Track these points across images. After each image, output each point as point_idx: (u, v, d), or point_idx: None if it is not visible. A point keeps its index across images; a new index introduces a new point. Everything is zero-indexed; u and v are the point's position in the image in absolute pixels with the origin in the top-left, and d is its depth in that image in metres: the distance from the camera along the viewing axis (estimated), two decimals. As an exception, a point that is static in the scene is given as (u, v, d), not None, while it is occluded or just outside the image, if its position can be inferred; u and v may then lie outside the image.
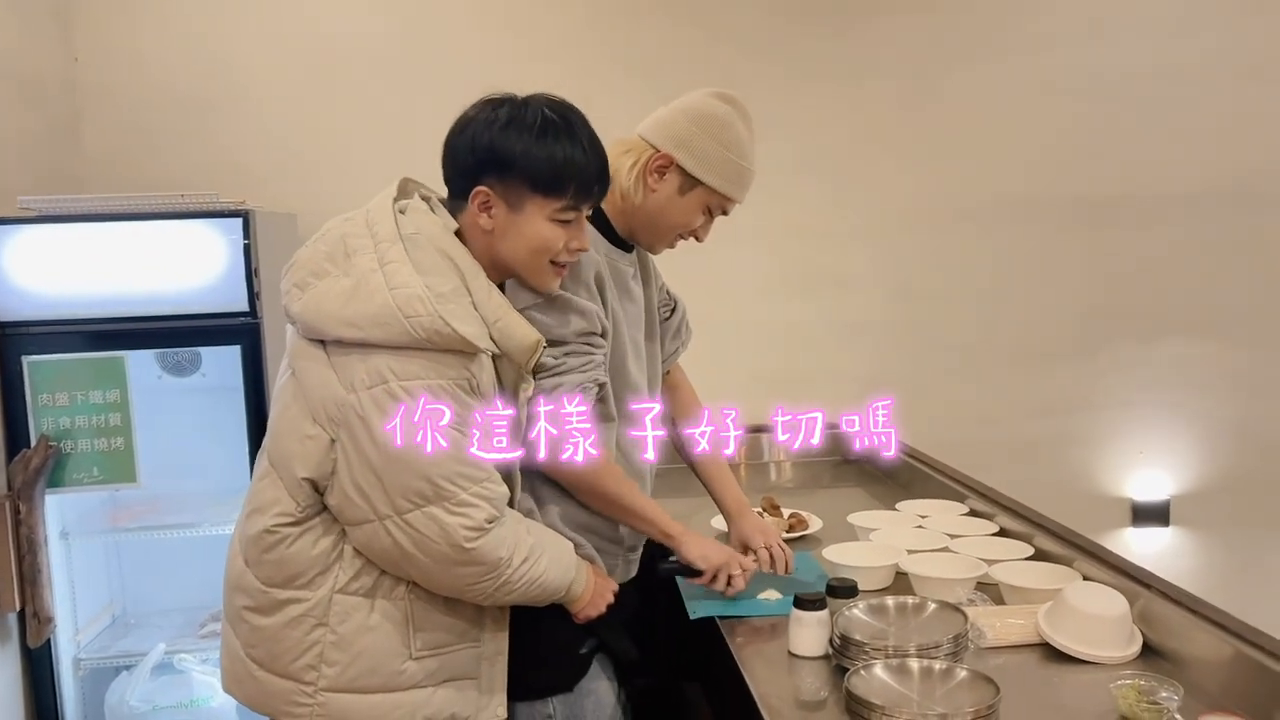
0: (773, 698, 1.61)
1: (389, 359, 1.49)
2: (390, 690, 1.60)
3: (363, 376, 1.50)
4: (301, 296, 1.55)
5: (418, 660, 1.61)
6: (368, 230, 1.55)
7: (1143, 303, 3.45)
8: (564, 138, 1.58)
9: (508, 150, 1.56)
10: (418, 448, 1.48)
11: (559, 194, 1.58)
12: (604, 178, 1.65)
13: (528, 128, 1.57)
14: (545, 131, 1.58)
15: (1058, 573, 1.96)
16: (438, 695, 1.63)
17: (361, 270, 1.51)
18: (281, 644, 1.60)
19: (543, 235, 1.60)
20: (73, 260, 2.50)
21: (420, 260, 1.52)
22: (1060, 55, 3.36)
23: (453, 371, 1.52)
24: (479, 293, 1.57)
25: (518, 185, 1.57)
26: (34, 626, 2.47)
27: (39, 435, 2.50)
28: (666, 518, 1.87)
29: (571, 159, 1.58)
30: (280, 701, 1.62)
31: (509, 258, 1.62)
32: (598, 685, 1.83)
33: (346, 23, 3.14)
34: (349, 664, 1.59)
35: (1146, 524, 3.49)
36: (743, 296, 3.31)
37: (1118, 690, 1.49)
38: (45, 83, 2.89)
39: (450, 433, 1.51)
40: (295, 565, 1.59)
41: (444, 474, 1.51)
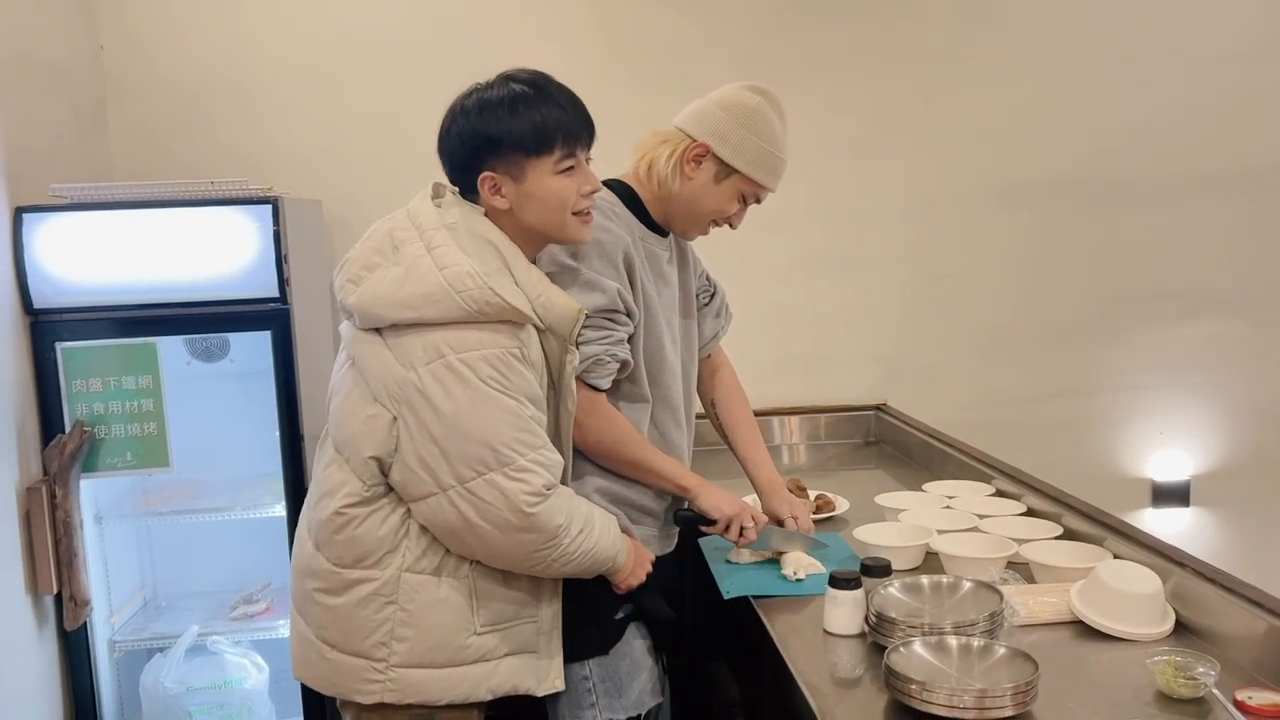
0: (810, 675, 1.63)
1: (444, 334, 1.56)
2: (457, 664, 1.66)
3: (420, 353, 1.56)
4: (356, 290, 1.62)
5: (481, 635, 1.67)
6: (411, 223, 1.64)
7: (1164, 284, 3.45)
8: (536, 100, 1.64)
9: (492, 130, 1.63)
10: (477, 416, 1.55)
11: (550, 149, 1.64)
12: (588, 122, 1.70)
13: (501, 104, 1.64)
14: (516, 102, 1.64)
15: (1088, 551, 1.97)
16: (501, 667, 1.70)
17: (411, 257, 1.59)
18: (353, 622, 1.64)
19: (554, 191, 1.65)
20: (104, 247, 2.52)
21: (464, 245, 1.60)
22: (1087, 36, 3.35)
23: (506, 340, 1.58)
24: (520, 272, 1.64)
25: (513, 157, 1.63)
26: (71, 609, 2.50)
27: (74, 421, 2.53)
28: (682, 471, 1.96)
29: (549, 115, 1.64)
30: (352, 680, 1.66)
31: (535, 223, 1.68)
32: (633, 649, 1.90)
33: (371, 9, 3.14)
34: (418, 640, 1.64)
35: (1167, 504, 3.50)
36: (767, 279, 3.33)
37: (1155, 666, 1.50)
38: (71, 71, 2.90)
39: (507, 400, 1.56)
40: (364, 545, 1.64)
41: (503, 440, 1.56)
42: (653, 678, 1.93)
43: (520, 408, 1.58)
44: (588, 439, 1.83)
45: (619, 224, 1.87)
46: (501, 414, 1.57)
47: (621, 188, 1.95)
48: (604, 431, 1.84)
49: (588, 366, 1.79)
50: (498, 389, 1.56)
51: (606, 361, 1.81)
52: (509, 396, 1.57)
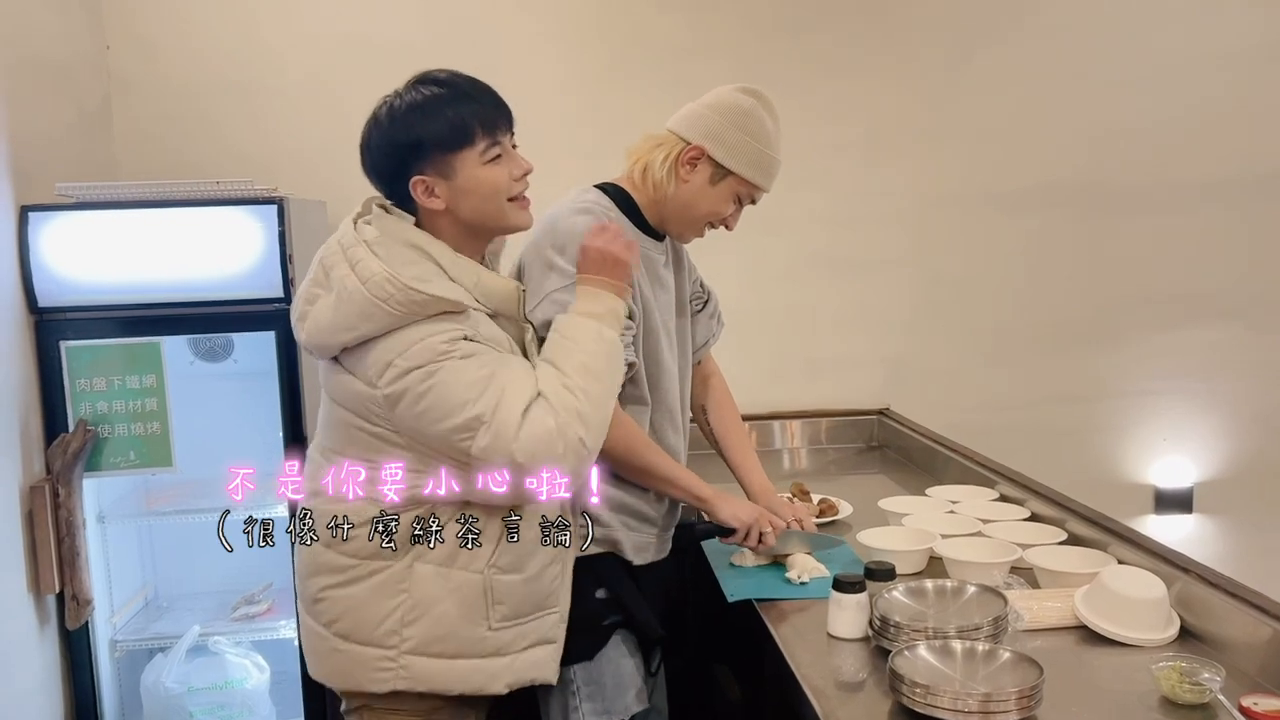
0: (814, 678, 1.63)
1: (386, 343, 1.57)
2: (469, 656, 1.67)
3: (374, 369, 1.58)
4: (304, 326, 1.66)
5: (496, 631, 1.68)
6: (341, 249, 1.63)
7: (1168, 289, 3.45)
8: (448, 98, 1.65)
9: (412, 135, 1.63)
10: (440, 391, 1.55)
11: (472, 140, 1.64)
12: (503, 108, 1.69)
13: (415, 108, 1.64)
14: (429, 103, 1.64)
15: (1092, 557, 1.97)
16: (520, 660, 1.71)
17: (339, 279, 1.60)
18: (366, 611, 1.66)
19: (486, 180, 1.66)
20: (109, 246, 2.52)
21: (389, 256, 1.59)
22: (1091, 41, 3.36)
23: (447, 326, 1.58)
24: (452, 267, 1.65)
25: (439, 156, 1.64)
26: (73, 608, 2.50)
27: (77, 420, 2.53)
28: (699, 482, 1.96)
29: (462, 109, 1.64)
30: (365, 670, 1.67)
31: (472, 217, 1.68)
32: (618, 655, 1.89)
33: (376, 10, 3.15)
34: (429, 628, 1.65)
35: (1169, 511, 3.50)
36: (770, 283, 3.33)
37: (1160, 672, 1.50)
38: (77, 70, 2.91)
39: (459, 365, 1.56)
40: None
41: (469, 399, 1.56)
42: (637, 685, 1.92)
43: (475, 367, 1.57)
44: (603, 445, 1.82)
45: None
46: (461, 379, 1.56)
47: (616, 191, 1.95)
48: (618, 437, 1.82)
49: None
50: (447, 360, 1.56)
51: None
52: (461, 361, 1.57)
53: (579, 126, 3.15)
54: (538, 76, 3.21)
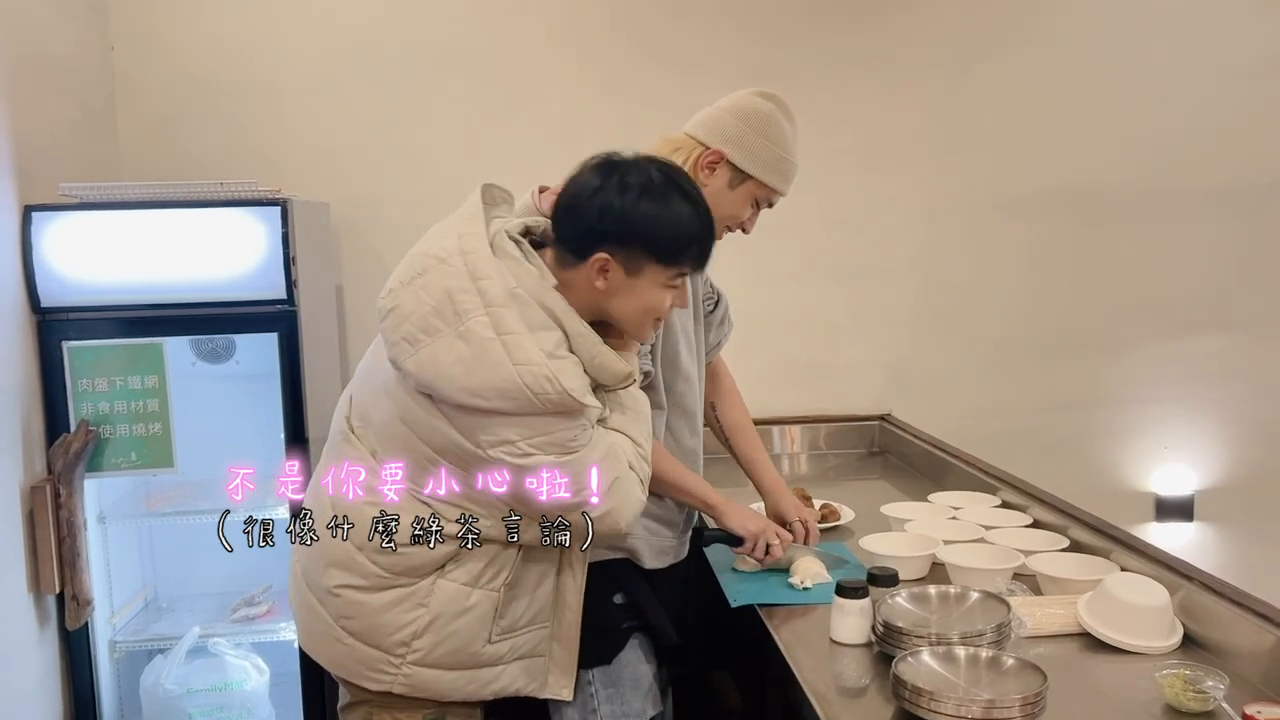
0: (817, 684, 1.62)
1: (515, 425, 1.54)
2: (467, 667, 1.69)
3: (488, 438, 1.54)
4: (414, 353, 1.54)
5: (494, 644, 1.70)
6: (473, 284, 1.53)
7: (1170, 297, 3.45)
8: (686, 206, 1.60)
9: (637, 222, 1.57)
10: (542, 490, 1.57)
11: (678, 263, 1.62)
12: (713, 241, 1.67)
13: (655, 198, 1.58)
14: (669, 202, 1.59)
15: (1095, 564, 1.97)
16: (508, 671, 1.73)
17: (478, 337, 1.51)
18: (381, 618, 1.65)
19: (655, 300, 1.63)
20: (112, 247, 2.52)
21: (529, 317, 1.53)
22: (1094, 48, 3.36)
23: (573, 423, 1.56)
24: (576, 338, 1.59)
25: (639, 255, 1.59)
26: (73, 609, 2.50)
27: (79, 420, 2.53)
28: (709, 489, 1.97)
29: (694, 229, 1.61)
30: (365, 667, 1.68)
31: (616, 315, 1.64)
32: (635, 659, 1.90)
33: (382, 12, 3.15)
34: (438, 643, 1.66)
35: (1170, 518, 3.50)
36: (774, 287, 3.33)
37: (1163, 679, 1.50)
38: (82, 70, 2.91)
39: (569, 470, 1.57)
40: (418, 560, 1.64)
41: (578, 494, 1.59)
42: (654, 688, 1.93)
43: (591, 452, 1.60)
44: None
45: None
46: (585, 470, 1.58)
47: None
48: None
49: None
50: (575, 454, 1.58)
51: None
52: (590, 451, 1.59)
53: (585, 131, 3.15)
54: (545, 81, 3.21)
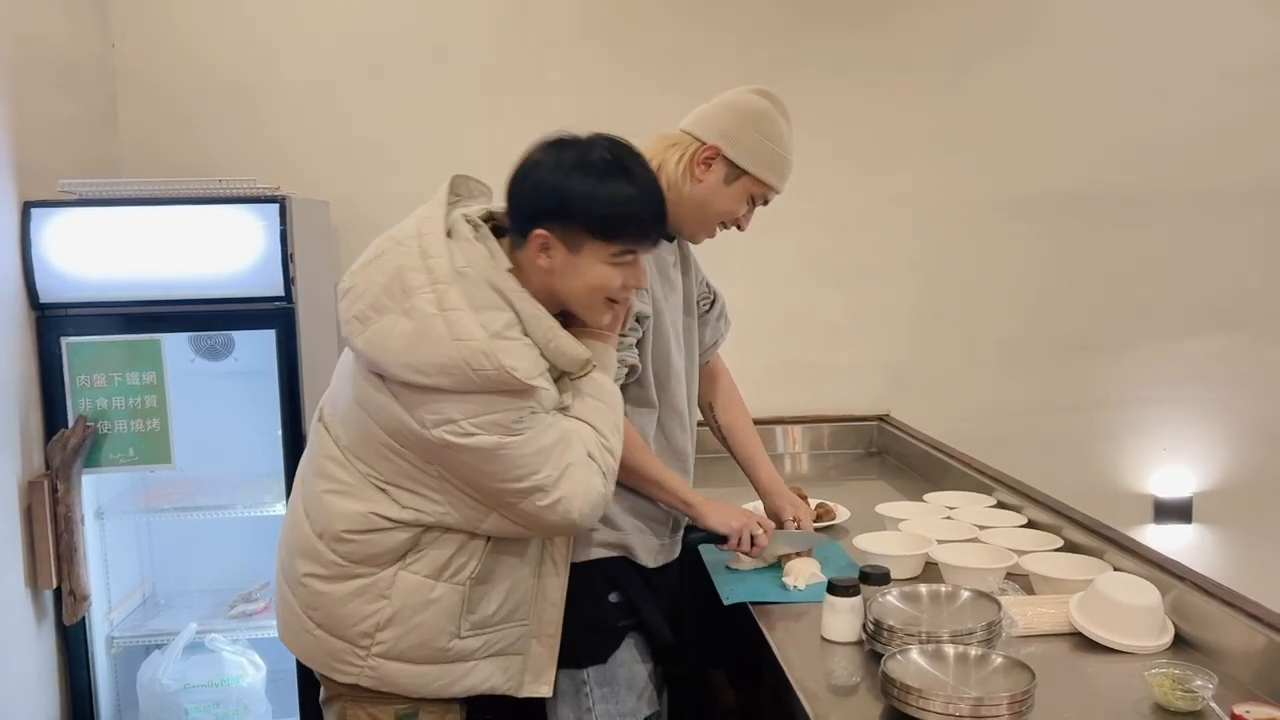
0: (807, 681, 1.63)
1: (456, 402, 1.52)
2: (435, 662, 1.68)
3: (431, 417, 1.54)
4: (363, 331, 1.56)
5: (464, 639, 1.69)
6: (423, 263, 1.54)
7: (1170, 299, 3.45)
8: (623, 182, 1.60)
9: (569, 197, 1.58)
10: (494, 467, 1.56)
11: (616, 238, 1.60)
12: (661, 220, 1.67)
13: (590, 172, 1.58)
14: (605, 176, 1.59)
15: (1088, 564, 1.97)
16: (479, 668, 1.71)
17: (422, 313, 1.52)
18: (344, 609, 1.66)
19: (600, 277, 1.62)
20: (111, 243, 2.53)
21: (474, 296, 1.54)
22: (1098, 50, 3.36)
23: (518, 402, 1.54)
24: (529, 320, 1.58)
25: (577, 230, 1.59)
26: (70, 604, 2.51)
27: (77, 415, 2.54)
28: (686, 487, 1.95)
29: (631, 204, 1.60)
30: (333, 659, 1.69)
31: (565, 295, 1.64)
32: (631, 658, 1.90)
33: (383, 11, 3.16)
34: (402, 635, 1.66)
35: (1169, 520, 3.49)
36: (774, 287, 3.34)
37: (1152, 678, 1.50)
38: (83, 68, 2.92)
39: (516, 443, 1.55)
40: (376, 550, 1.65)
41: (531, 466, 1.57)
42: (650, 686, 1.93)
43: (542, 436, 1.58)
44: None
45: None
46: (529, 456, 1.56)
47: None
48: None
49: None
50: (519, 437, 1.55)
51: (619, 368, 1.82)
52: (529, 431, 1.56)
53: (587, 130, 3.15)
54: (546, 80, 3.22)
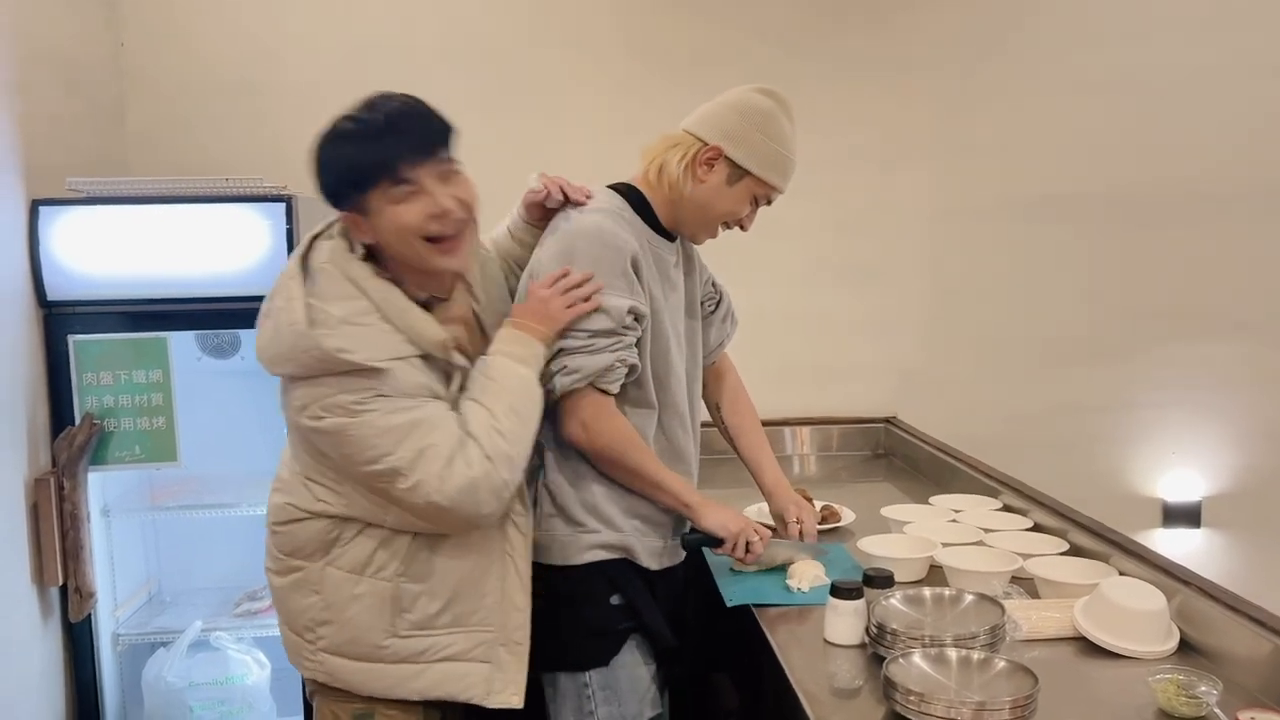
0: (809, 684, 1.62)
1: (306, 387, 1.60)
2: (375, 661, 1.71)
3: (294, 406, 1.64)
4: (258, 340, 1.68)
5: (403, 639, 1.70)
6: (286, 270, 1.66)
7: (1178, 303, 3.43)
8: (354, 134, 1.61)
9: (327, 178, 1.63)
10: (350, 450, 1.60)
11: (374, 182, 1.59)
12: (413, 138, 1.62)
13: (328, 146, 1.62)
14: (337, 141, 1.62)
15: (1093, 568, 1.96)
16: (429, 672, 1.72)
17: (275, 311, 1.62)
18: (289, 604, 1.75)
19: (395, 220, 1.61)
20: (118, 241, 2.53)
21: (327, 289, 1.60)
22: (1105, 51, 3.35)
23: (362, 384, 1.57)
24: (382, 304, 1.61)
25: (353, 198, 1.62)
26: (75, 601, 2.51)
27: (83, 413, 2.54)
28: (686, 488, 1.94)
29: (366, 147, 1.60)
30: (297, 655, 1.78)
31: (393, 254, 1.64)
32: (633, 661, 1.89)
33: (390, 12, 3.17)
34: (337, 631, 1.71)
35: (1177, 525, 3.47)
36: (782, 288, 3.33)
37: (1156, 684, 1.49)
38: (92, 67, 2.93)
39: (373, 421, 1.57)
40: (300, 540, 1.72)
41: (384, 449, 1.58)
42: (652, 689, 1.92)
43: (392, 418, 1.58)
44: (596, 443, 1.83)
45: (626, 229, 1.86)
46: (374, 436, 1.57)
47: (630, 192, 1.94)
48: (612, 436, 1.83)
49: (599, 374, 1.80)
50: (359, 418, 1.57)
51: (616, 367, 1.82)
52: (379, 414, 1.57)
53: (598, 131, 3.16)
54: (556, 82, 3.22)
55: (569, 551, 1.86)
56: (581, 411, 1.81)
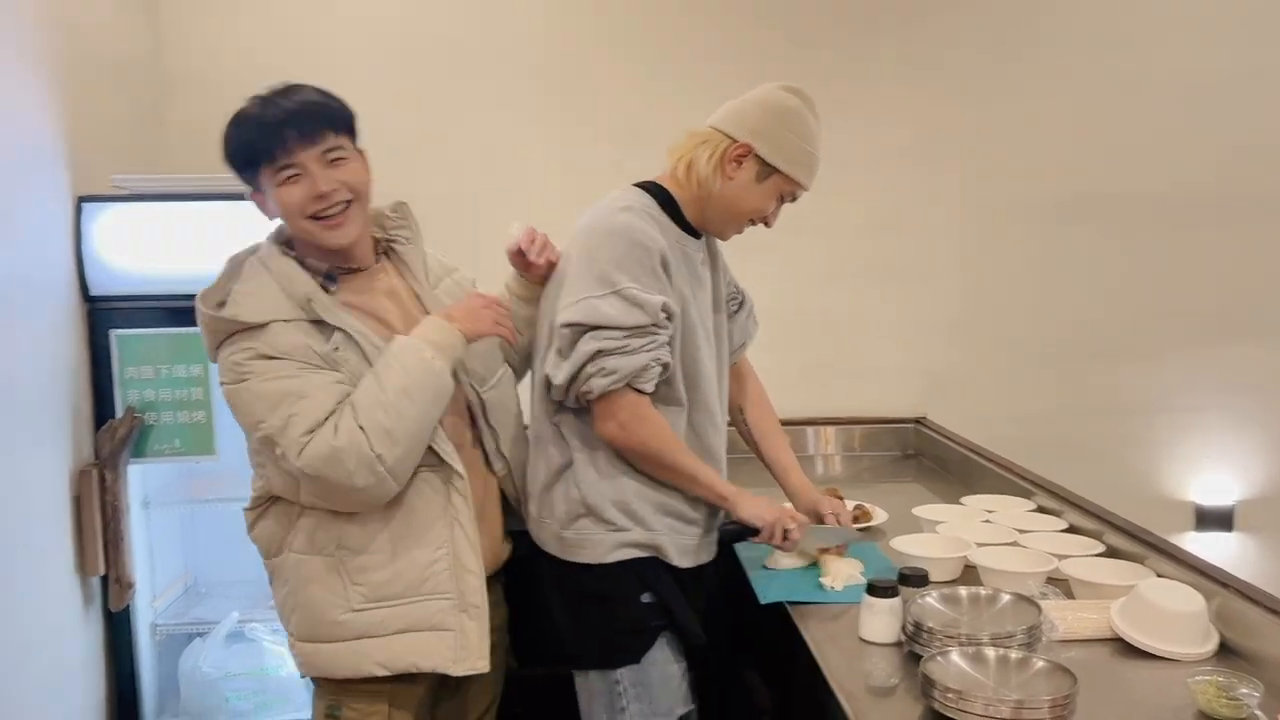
0: (846, 682, 1.63)
1: (220, 356, 1.74)
2: (337, 640, 1.74)
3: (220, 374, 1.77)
4: None
5: (358, 612, 1.73)
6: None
7: (1212, 304, 3.41)
8: (242, 120, 1.73)
9: (227, 156, 1.74)
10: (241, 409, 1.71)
11: (260, 164, 1.71)
12: (290, 122, 1.70)
13: (229, 126, 1.74)
14: (232, 127, 1.74)
15: (1130, 569, 1.95)
16: (393, 644, 1.74)
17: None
18: (276, 601, 1.85)
19: (282, 200, 1.72)
20: (160, 238, 2.57)
21: (247, 272, 1.77)
22: (1146, 49, 3.33)
23: (242, 345, 1.69)
24: (283, 278, 1.74)
25: (249, 177, 1.74)
26: (116, 591, 2.55)
27: (125, 406, 2.58)
28: (721, 480, 1.95)
29: (249, 132, 1.71)
30: (290, 650, 1.85)
31: (293, 233, 1.77)
32: (664, 658, 1.90)
33: (424, 15, 3.19)
34: (301, 616, 1.77)
35: (1210, 528, 3.45)
36: (812, 287, 3.33)
37: (1196, 685, 1.49)
38: (135, 67, 2.98)
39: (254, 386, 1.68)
40: (264, 540, 1.81)
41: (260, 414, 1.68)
42: (683, 686, 1.94)
43: (269, 384, 1.67)
44: (632, 441, 1.84)
45: (655, 228, 1.88)
46: (252, 401, 1.68)
47: (657, 190, 1.95)
48: (649, 435, 1.84)
49: (635, 374, 1.81)
50: (244, 383, 1.68)
51: (652, 367, 1.83)
52: (257, 380, 1.67)
53: (628, 131, 3.17)
54: (587, 81, 3.24)
55: (600, 550, 1.88)
56: (619, 412, 1.82)
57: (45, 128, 2.40)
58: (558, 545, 1.91)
